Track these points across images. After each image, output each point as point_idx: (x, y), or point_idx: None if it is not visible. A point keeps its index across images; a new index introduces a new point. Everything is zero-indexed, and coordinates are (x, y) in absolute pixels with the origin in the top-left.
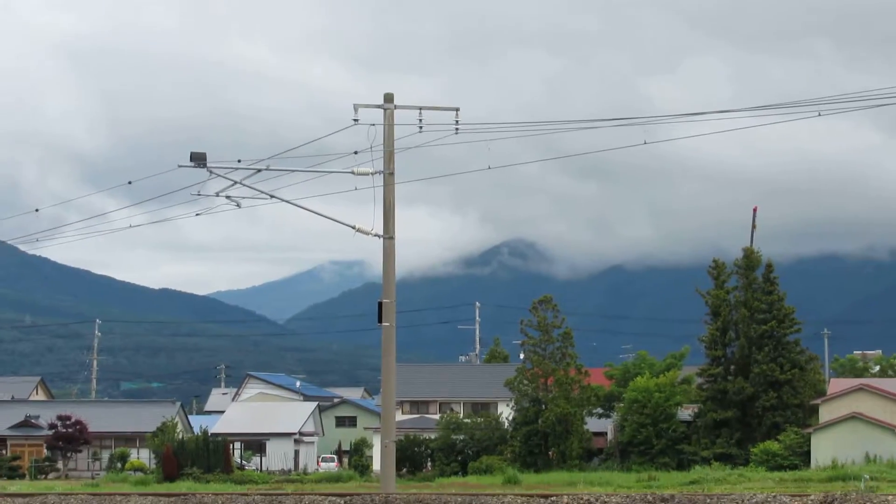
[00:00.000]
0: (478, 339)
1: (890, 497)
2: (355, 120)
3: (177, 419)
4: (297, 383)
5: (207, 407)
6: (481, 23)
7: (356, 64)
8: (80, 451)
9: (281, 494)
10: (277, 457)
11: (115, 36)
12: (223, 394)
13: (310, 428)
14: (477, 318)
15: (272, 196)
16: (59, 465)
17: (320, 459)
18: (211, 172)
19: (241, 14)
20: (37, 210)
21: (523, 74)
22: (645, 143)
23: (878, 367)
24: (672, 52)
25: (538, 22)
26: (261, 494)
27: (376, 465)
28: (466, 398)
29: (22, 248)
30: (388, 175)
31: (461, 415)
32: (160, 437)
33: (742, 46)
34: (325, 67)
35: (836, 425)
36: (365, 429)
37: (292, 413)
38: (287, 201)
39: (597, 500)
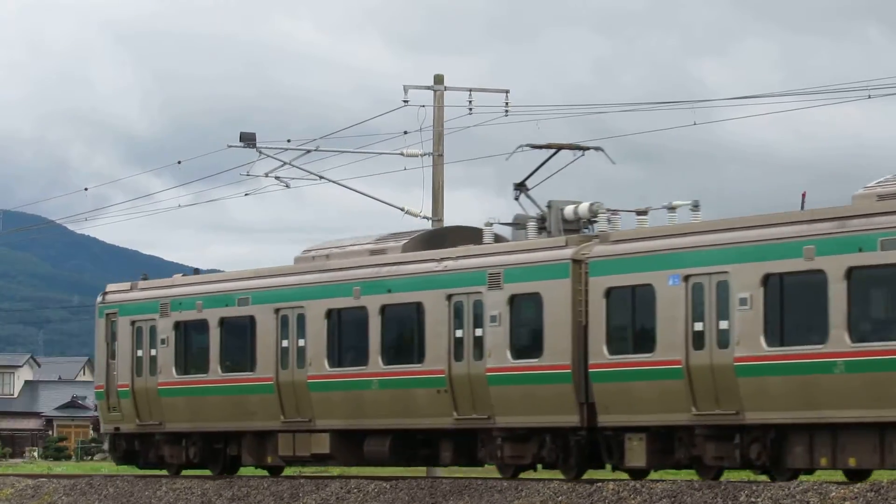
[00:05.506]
0: None
1: None
2: (405, 101)
3: None
4: None
5: None
6: (525, 2)
7: (397, 43)
8: None
9: (327, 478)
10: None
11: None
12: None
13: None
14: None
15: (322, 177)
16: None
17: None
18: (260, 153)
19: None
20: (86, 189)
21: (569, 55)
22: (695, 123)
23: None
24: (720, 33)
25: (584, 1)
26: (306, 478)
27: None
28: None
29: (70, 227)
30: (438, 157)
31: None
32: None
33: (790, 28)
34: (369, 46)
35: None
36: None
37: None
38: (338, 183)
39: (642, 487)
